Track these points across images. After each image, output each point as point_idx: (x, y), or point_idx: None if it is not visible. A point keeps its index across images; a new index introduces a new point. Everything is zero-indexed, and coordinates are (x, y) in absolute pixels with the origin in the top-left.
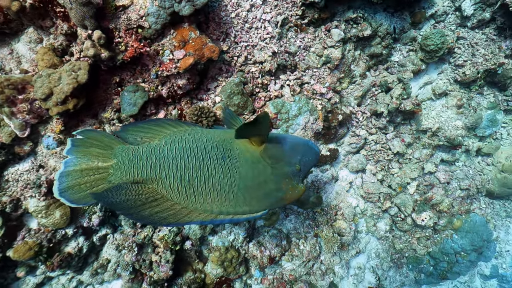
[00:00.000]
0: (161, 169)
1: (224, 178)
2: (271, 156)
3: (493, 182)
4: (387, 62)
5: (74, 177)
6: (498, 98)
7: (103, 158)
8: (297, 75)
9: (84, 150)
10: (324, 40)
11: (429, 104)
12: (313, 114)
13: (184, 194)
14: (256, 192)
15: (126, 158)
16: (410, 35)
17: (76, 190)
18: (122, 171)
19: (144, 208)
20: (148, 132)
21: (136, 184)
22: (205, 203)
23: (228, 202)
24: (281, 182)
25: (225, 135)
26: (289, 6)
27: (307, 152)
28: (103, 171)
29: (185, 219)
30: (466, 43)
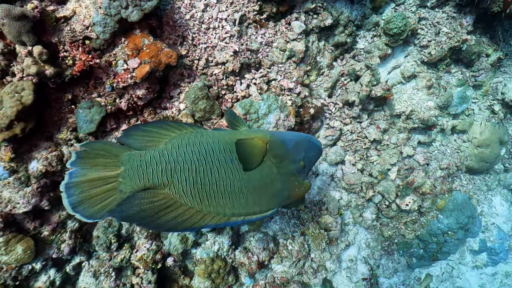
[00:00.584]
0: (172, 174)
1: (234, 181)
2: (276, 155)
3: (471, 158)
4: (353, 50)
5: (83, 188)
6: (466, 75)
7: (111, 167)
8: (262, 73)
9: (89, 161)
10: (285, 34)
11: (399, 88)
12: (283, 111)
13: (197, 198)
14: (265, 192)
15: (134, 164)
16: (372, 20)
17: (89, 204)
18: (132, 178)
19: (159, 216)
20: (152, 136)
21: (148, 191)
22: (218, 206)
23: (239, 204)
24: (287, 181)
25: (230, 136)
26: (245, 2)
27: (310, 148)
28: (112, 180)
29: (200, 223)
30: (429, 23)
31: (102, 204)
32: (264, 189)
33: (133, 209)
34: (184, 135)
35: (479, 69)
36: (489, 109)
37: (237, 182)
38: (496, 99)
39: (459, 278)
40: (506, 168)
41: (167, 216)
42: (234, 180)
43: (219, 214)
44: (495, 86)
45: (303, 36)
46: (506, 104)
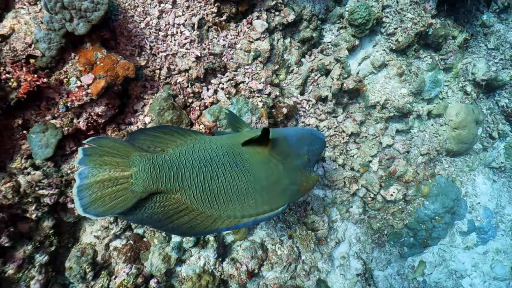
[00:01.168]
0: (183, 179)
1: (241, 183)
2: (280, 152)
3: (449, 141)
4: (320, 45)
5: (94, 190)
6: (436, 59)
7: (121, 167)
8: (229, 76)
9: (98, 159)
10: (248, 34)
11: (372, 78)
12: (255, 113)
13: (207, 203)
14: (273, 190)
15: (147, 167)
16: (336, 13)
17: (100, 203)
18: (144, 180)
19: (173, 220)
20: (159, 141)
21: (160, 195)
22: (228, 210)
23: (248, 205)
24: (294, 176)
25: (232, 140)
26: (202, 5)
27: (313, 141)
28: (124, 180)
29: (212, 228)
30: (393, 10)
31: (112, 203)
32: (272, 187)
33: (146, 212)
34: (189, 142)
35: (448, 52)
36: (462, 90)
37: (244, 184)
38: (468, 80)
39: (452, 260)
40: (485, 147)
41: (180, 220)
42: (240, 182)
43: (230, 217)
44: (465, 67)
45: (266, 35)
46: (477, 84)
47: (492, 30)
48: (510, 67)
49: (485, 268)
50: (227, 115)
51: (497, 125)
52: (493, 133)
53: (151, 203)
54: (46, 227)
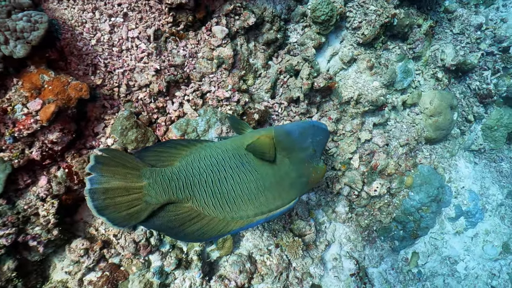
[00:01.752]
0: (193, 187)
1: (249, 182)
2: (284, 148)
3: (427, 129)
4: (286, 46)
5: (108, 195)
6: (404, 49)
7: (133, 179)
8: (194, 87)
9: (110, 168)
10: (209, 41)
11: (343, 74)
12: (225, 123)
13: (218, 207)
14: (282, 185)
15: (158, 179)
16: (299, 11)
17: (115, 209)
18: (156, 191)
19: (186, 227)
20: (165, 156)
21: (173, 205)
22: (240, 211)
23: (259, 203)
24: (301, 169)
25: (236, 142)
26: (156, 16)
27: (316, 133)
28: (137, 191)
29: (225, 230)
30: (355, 4)
31: (128, 212)
32: (281, 182)
33: (161, 220)
34: (195, 151)
35: (415, 41)
36: (433, 77)
37: (252, 183)
38: (438, 67)
39: (444, 247)
40: (462, 131)
41: (193, 227)
42: (249, 182)
43: (243, 218)
44: (434, 54)
45: (228, 40)
46: (448, 69)
47: (456, 15)
48: (477, 49)
49: (477, 250)
50: (228, 118)
51: (472, 108)
52: (469, 116)
53: (165, 212)
54: (7, 270)
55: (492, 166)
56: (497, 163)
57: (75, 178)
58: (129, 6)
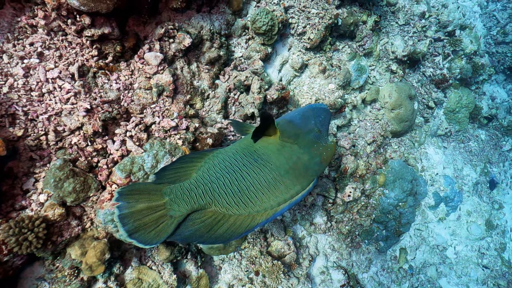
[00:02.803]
0: (213, 192)
1: (265, 175)
2: (290, 135)
3: (391, 123)
4: (231, 61)
5: (136, 217)
6: (353, 47)
7: (155, 198)
8: (135, 121)
9: (133, 196)
10: (143, 70)
11: (297, 82)
12: (175, 154)
13: (241, 204)
14: (297, 170)
15: (178, 193)
16: (239, 25)
17: (144, 230)
18: (179, 204)
19: (214, 231)
20: (182, 172)
21: (197, 213)
22: (263, 203)
23: (280, 191)
24: (311, 150)
25: (244, 142)
26: (78, 51)
27: (317, 114)
28: (161, 208)
29: (252, 224)
30: (296, 9)
31: (156, 230)
32: (295, 167)
33: (189, 230)
34: (208, 160)
35: (363, 38)
36: (388, 70)
37: (269, 175)
38: (390, 59)
39: (431, 236)
40: (426, 118)
41: (221, 228)
42: (265, 174)
43: (267, 209)
44: (384, 47)
45: (165, 66)
46: (400, 60)
47: (398, 7)
48: (425, 37)
49: (463, 232)
50: (231, 124)
51: (431, 95)
52: (429, 103)
53: (191, 221)
54: None
55: (461, 147)
56: (465, 143)
57: (4, 248)
58: (44, 44)
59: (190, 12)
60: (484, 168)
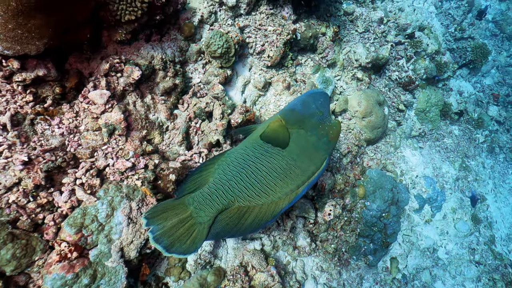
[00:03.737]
0: (233, 190)
1: (279, 162)
2: (294, 122)
3: (364, 131)
4: (190, 88)
5: (169, 234)
6: (316, 59)
7: (180, 211)
8: (85, 167)
9: (160, 216)
10: (89, 110)
11: (262, 101)
12: (134, 197)
13: (263, 194)
14: (308, 152)
15: (200, 200)
16: (194, 50)
17: (179, 243)
18: (204, 210)
19: (241, 223)
20: (199, 180)
21: (223, 212)
22: (283, 188)
23: (296, 175)
24: (318, 132)
25: (252, 137)
26: (9, 98)
27: (316, 98)
28: (188, 218)
29: (277, 210)
30: (252, 28)
31: (191, 238)
32: (306, 150)
33: (219, 228)
34: (222, 162)
35: (324, 49)
36: (354, 78)
37: (282, 162)
38: (355, 67)
39: (420, 240)
40: (398, 122)
41: (248, 220)
42: (279, 161)
43: (287, 193)
44: (347, 56)
45: (114, 103)
46: (365, 67)
47: (356, 16)
48: (385, 42)
49: (451, 230)
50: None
51: (399, 98)
52: (400, 106)
53: (219, 221)
54: None
55: (437, 145)
56: (440, 141)
57: None
58: None
59: (139, 43)
60: (462, 163)
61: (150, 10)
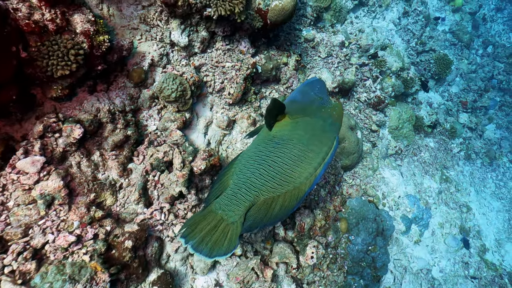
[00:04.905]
0: (255, 185)
1: (292, 150)
2: (297, 112)
3: (339, 158)
4: (145, 137)
5: (206, 241)
6: (281, 90)
7: (211, 218)
8: (16, 249)
9: (194, 230)
10: (19, 181)
11: (228, 140)
12: (79, 278)
13: (284, 182)
14: (317, 135)
15: (226, 202)
16: (146, 96)
17: (218, 246)
18: (233, 211)
19: (269, 213)
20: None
21: (251, 208)
22: (302, 174)
23: (311, 158)
24: (321, 115)
25: (261, 134)
26: None
27: (312, 86)
28: (220, 222)
29: (301, 194)
30: (209, 66)
31: (227, 239)
32: (314, 134)
33: (250, 222)
34: (238, 164)
35: (288, 79)
36: None
37: (294, 149)
38: None
39: (412, 262)
40: (373, 143)
41: (275, 209)
42: (291, 150)
43: (307, 177)
44: None
45: (51, 169)
46: (332, 92)
47: (317, 42)
48: (350, 65)
49: (441, 247)
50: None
51: (371, 118)
52: (372, 126)
53: (248, 216)
54: None
55: (415, 160)
56: (417, 156)
57: None
58: None
59: (81, 96)
60: (442, 175)
61: (89, 61)
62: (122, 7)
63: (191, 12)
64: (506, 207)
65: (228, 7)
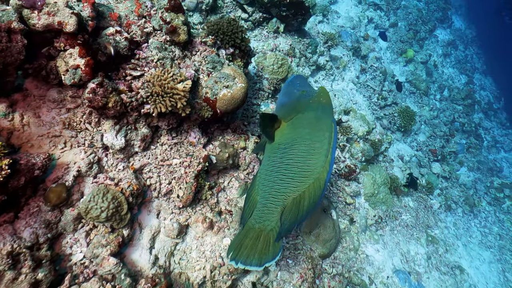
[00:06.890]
0: (281, 193)
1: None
2: (289, 113)
3: (315, 247)
4: (67, 273)
5: (253, 254)
6: (241, 177)
7: (251, 234)
8: None
9: (240, 249)
10: None
11: (181, 250)
12: None
13: (304, 178)
14: (314, 125)
15: (261, 215)
16: (70, 218)
17: (264, 254)
18: (268, 219)
19: (301, 209)
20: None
21: (283, 212)
22: (315, 164)
23: (318, 147)
24: (312, 105)
25: (268, 148)
26: None
27: (293, 83)
28: (260, 233)
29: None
30: (153, 166)
31: (271, 245)
32: (312, 125)
33: (286, 223)
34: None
35: (248, 164)
36: None
37: (301, 146)
38: None
39: None
40: (350, 218)
41: (305, 204)
42: (298, 148)
43: (322, 165)
44: None
45: None
46: None
47: None
48: None
49: None
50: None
51: (345, 190)
52: (347, 199)
53: (283, 219)
54: None
55: (397, 225)
56: (399, 219)
57: None
58: None
59: None
60: (427, 236)
61: None
62: (41, 113)
63: (127, 111)
64: (497, 256)
65: (169, 103)
